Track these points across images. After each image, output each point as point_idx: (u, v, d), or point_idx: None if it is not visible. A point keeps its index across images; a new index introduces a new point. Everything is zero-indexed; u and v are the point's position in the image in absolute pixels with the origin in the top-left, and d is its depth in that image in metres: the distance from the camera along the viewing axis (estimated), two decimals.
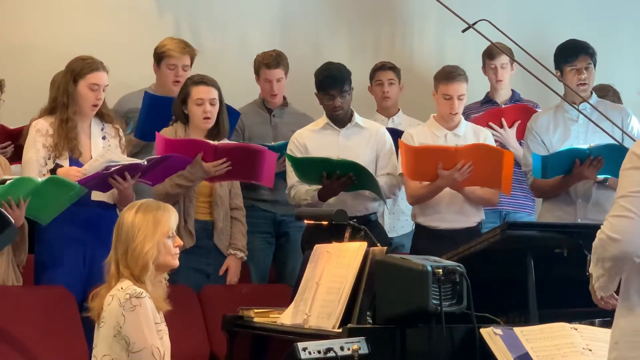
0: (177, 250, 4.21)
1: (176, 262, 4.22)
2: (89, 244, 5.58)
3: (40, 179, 5.36)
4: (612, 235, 3.20)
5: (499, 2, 7.69)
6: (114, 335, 4.04)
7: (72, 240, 5.61)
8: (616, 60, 7.75)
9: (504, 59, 6.79)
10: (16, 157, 5.91)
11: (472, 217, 6.16)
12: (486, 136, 6.27)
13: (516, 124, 6.60)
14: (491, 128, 6.53)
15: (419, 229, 6.27)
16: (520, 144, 6.50)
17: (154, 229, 4.11)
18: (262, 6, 7.88)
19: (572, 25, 7.51)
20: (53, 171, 5.51)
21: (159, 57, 6.64)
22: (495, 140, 6.39)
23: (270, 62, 6.72)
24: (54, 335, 5.44)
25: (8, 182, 5.26)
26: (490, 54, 6.87)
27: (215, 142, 5.85)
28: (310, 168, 5.98)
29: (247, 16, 7.82)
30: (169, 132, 6.01)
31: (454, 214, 6.13)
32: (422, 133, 6.26)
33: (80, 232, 5.60)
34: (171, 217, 4.16)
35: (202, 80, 6.02)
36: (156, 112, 6.25)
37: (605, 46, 6.67)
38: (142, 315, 4.03)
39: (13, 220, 5.16)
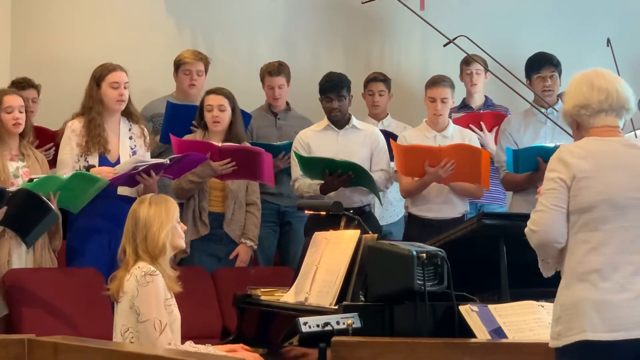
0: (183, 234, 4.33)
1: (183, 243, 4.35)
2: (113, 233, 5.56)
3: (65, 176, 5.39)
4: (532, 228, 3.37)
5: (475, 20, 7.68)
6: (130, 307, 4.12)
7: (99, 229, 5.65)
8: (581, 69, 7.73)
9: (478, 65, 6.81)
10: (55, 160, 5.92)
11: (457, 208, 6.19)
12: (471, 137, 6.30)
13: (495, 129, 6.61)
14: (472, 130, 6.54)
15: (411, 218, 6.29)
16: None
17: (167, 217, 4.24)
18: (268, 23, 7.88)
19: (540, 40, 7.50)
20: (87, 170, 5.54)
21: (177, 65, 6.70)
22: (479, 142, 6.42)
23: (273, 70, 6.74)
24: (86, 309, 5.48)
25: (35, 180, 5.30)
26: (466, 61, 6.88)
27: (219, 144, 5.86)
28: (315, 166, 6.00)
29: (255, 32, 7.83)
30: (190, 138, 6.06)
31: (442, 205, 6.15)
32: (414, 135, 6.30)
33: (106, 222, 5.62)
34: (176, 206, 4.32)
35: (214, 90, 6.08)
36: (177, 118, 6.29)
37: (569, 57, 6.66)
38: (152, 290, 4.10)
39: (53, 207, 5.20)
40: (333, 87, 6.18)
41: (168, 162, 5.57)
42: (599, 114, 3.39)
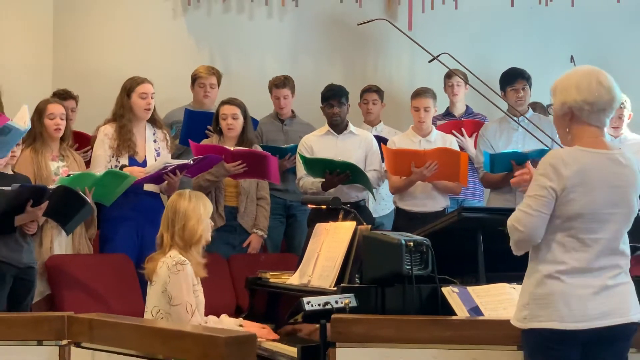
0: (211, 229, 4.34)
1: (210, 237, 4.35)
2: (140, 223, 5.64)
3: (98, 173, 5.43)
4: (518, 227, 3.29)
5: (457, 39, 7.69)
6: (162, 292, 4.12)
7: (128, 220, 5.67)
8: (547, 82, 7.73)
9: (459, 79, 6.83)
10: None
11: (439, 203, 6.21)
12: (451, 142, 6.32)
13: (474, 135, 6.64)
14: (455, 135, 6.57)
15: (399, 211, 6.31)
16: None
17: (205, 212, 4.24)
18: (276, 41, 7.89)
19: (512, 56, 7.52)
20: (121, 169, 5.57)
21: (193, 79, 6.72)
22: (459, 146, 6.45)
23: (279, 83, 6.76)
24: (118, 290, 5.50)
25: (71, 175, 5.34)
26: (449, 75, 6.90)
27: (232, 148, 5.90)
28: (317, 166, 6.03)
29: (265, 49, 7.84)
30: (207, 142, 6.07)
31: (425, 200, 6.17)
32: (402, 140, 6.32)
33: (134, 213, 5.66)
34: (211, 204, 4.34)
35: (228, 101, 6.09)
36: (194, 124, 6.31)
37: (538, 71, 6.68)
38: (182, 278, 4.11)
39: (89, 200, 5.23)
40: (334, 94, 6.22)
41: (192, 162, 5.62)
42: (599, 112, 3.28)
